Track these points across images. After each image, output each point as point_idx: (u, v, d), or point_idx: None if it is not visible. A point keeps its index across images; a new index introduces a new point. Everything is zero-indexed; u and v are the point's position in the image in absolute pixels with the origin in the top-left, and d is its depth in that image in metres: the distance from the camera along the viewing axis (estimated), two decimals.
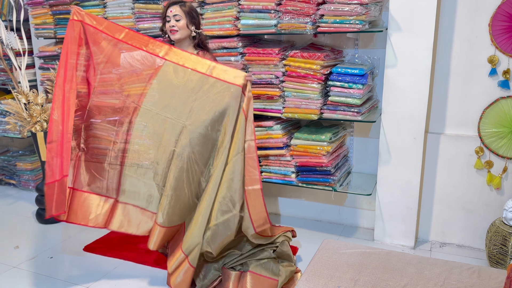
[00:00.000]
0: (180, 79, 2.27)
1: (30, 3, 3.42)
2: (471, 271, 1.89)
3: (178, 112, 2.25)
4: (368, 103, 2.72)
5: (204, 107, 2.23)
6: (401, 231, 2.82)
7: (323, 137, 2.67)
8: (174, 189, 2.25)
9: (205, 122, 2.21)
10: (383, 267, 1.93)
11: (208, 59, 2.33)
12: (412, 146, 2.68)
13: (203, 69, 2.25)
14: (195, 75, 2.25)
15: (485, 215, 2.72)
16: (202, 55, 2.46)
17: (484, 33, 2.56)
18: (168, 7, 2.43)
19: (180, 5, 2.43)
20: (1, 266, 2.67)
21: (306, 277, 1.88)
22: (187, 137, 2.22)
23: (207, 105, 2.22)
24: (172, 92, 2.28)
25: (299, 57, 2.62)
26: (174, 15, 2.41)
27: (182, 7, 2.42)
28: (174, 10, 2.41)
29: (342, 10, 2.45)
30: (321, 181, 2.74)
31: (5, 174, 4.14)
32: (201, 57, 2.38)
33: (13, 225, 3.26)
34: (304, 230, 3.08)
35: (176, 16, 2.40)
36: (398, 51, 2.59)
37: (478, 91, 2.64)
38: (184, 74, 2.27)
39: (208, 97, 2.23)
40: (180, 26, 2.41)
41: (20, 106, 3.17)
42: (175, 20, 2.41)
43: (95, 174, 2.42)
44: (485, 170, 2.68)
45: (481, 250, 2.76)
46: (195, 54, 2.40)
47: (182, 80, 2.27)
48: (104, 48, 2.34)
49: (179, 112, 2.25)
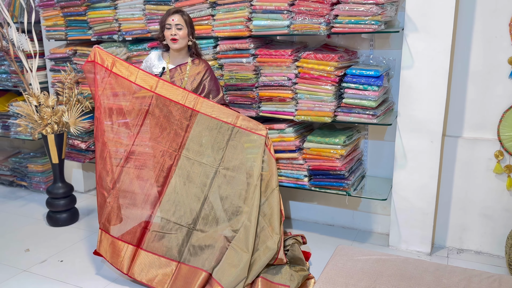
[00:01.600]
0: (211, 130, 2.43)
1: (41, 5, 3.42)
2: (491, 279, 1.83)
3: (212, 159, 2.43)
4: (384, 105, 2.66)
5: (233, 155, 2.41)
6: (417, 237, 2.76)
7: (337, 140, 2.61)
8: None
9: (236, 166, 2.40)
10: (399, 274, 1.88)
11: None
12: (429, 149, 2.61)
13: (229, 119, 2.44)
14: (223, 125, 2.44)
15: (505, 221, 2.64)
16: (198, 62, 2.58)
17: (504, 33, 2.49)
18: (170, 15, 2.45)
19: (182, 14, 2.47)
20: (11, 269, 2.66)
21: (320, 285, 1.83)
22: (219, 181, 2.41)
23: (237, 152, 2.41)
24: (205, 141, 2.43)
25: (312, 58, 2.57)
26: (176, 24, 2.44)
27: (183, 16, 2.47)
28: (176, 19, 2.44)
29: (357, 10, 2.40)
30: (335, 185, 2.69)
31: (17, 176, 4.16)
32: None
33: (24, 228, 3.26)
34: (316, 235, 3.03)
35: (178, 25, 2.44)
36: (415, 52, 2.53)
37: (497, 93, 2.57)
38: (213, 124, 2.43)
39: (237, 145, 2.42)
40: (181, 35, 2.46)
41: (31, 108, 3.17)
42: (176, 29, 2.44)
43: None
44: (504, 175, 2.60)
45: (500, 257, 2.68)
46: (191, 61, 2.55)
47: (214, 131, 2.43)
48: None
49: (213, 159, 2.43)
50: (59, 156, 3.24)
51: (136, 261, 2.43)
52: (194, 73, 2.57)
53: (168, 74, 2.55)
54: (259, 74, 2.76)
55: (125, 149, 2.48)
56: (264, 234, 2.34)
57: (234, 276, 2.23)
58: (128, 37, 3.18)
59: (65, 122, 3.18)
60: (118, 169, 2.49)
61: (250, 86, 2.79)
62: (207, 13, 2.81)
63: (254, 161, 2.38)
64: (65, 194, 3.25)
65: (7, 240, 3.06)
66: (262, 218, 2.36)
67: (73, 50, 3.41)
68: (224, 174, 2.41)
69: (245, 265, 2.25)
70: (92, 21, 3.25)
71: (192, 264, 2.36)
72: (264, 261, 2.29)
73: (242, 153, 2.40)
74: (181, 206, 2.41)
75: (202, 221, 2.40)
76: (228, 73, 2.83)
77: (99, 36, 3.27)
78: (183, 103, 2.43)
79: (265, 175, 2.40)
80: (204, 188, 2.41)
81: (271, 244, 2.30)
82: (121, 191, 2.48)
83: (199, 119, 2.42)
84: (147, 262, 2.42)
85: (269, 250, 2.30)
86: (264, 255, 2.29)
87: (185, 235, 2.39)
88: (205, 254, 2.35)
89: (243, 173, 2.39)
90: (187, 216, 2.40)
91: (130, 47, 3.19)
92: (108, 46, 3.27)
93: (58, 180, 3.29)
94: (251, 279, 2.28)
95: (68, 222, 3.27)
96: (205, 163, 2.42)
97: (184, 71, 2.55)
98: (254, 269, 2.28)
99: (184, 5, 2.84)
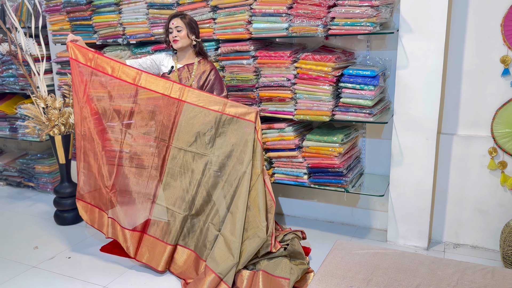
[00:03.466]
0: (199, 119, 2.50)
1: (48, 10, 3.50)
2: (485, 271, 1.89)
3: (203, 147, 2.52)
4: (380, 104, 2.73)
5: (224, 142, 2.49)
6: (414, 232, 2.82)
7: (335, 139, 2.69)
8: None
9: (226, 153, 2.48)
10: (395, 267, 1.93)
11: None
12: (425, 147, 2.68)
13: (216, 107, 2.48)
14: (210, 113, 2.49)
15: (499, 216, 2.70)
16: (204, 62, 2.72)
17: (496, 33, 2.55)
18: (170, 20, 2.65)
19: (181, 17, 2.65)
20: (21, 265, 2.74)
21: (319, 277, 1.89)
22: (212, 167, 2.50)
23: (226, 139, 2.49)
24: (194, 130, 2.51)
25: (311, 59, 2.64)
26: (175, 26, 2.62)
27: (182, 19, 2.64)
28: (176, 22, 2.62)
29: (353, 13, 2.47)
30: (334, 182, 2.76)
31: (24, 176, 4.24)
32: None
33: (32, 227, 3.34)
34: (316, 231, 3.10)
35: (178, 27, 2.62)
36: (410, 52, 2.60)
37: (490, 92, 2.63)
38: (200, 113, 2.50)
39: (226, 133, 2.49)
40: (181, 36, 2.63)
41: (38, 110, 3.25)
42: (176, 31, 2.63)
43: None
44: (498, 171, 2.66)
45: (495, 251, 2.74)
46: (197, 62, 2.70)
47: (201, 120, 2.50)
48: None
49: (204, 147, 2.52)
50: (66, 157, 3.32)
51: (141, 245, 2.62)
52: (200, 72, 2.69)
53: (176, 73, 2.70)
54: (259, 75, 2.84)
55: (117, 146, 2.63)
56: (254, 220, 2.43)
57: (226, 262, 2.34)
58: (132, 40, 3.26)
59: (72, 123, 3.26)
60: (113, 167, 2.65)
61: (251, 87, 2.86)
62: (208, 16, 2.89)
63: (244, 148, 2.45)
64: (72, 193, 3.33)
65: (16, 238, 3.14)
66: (251, 204, 2.45)
67: None
68: (216, 162, 2.49)
69: (236, 251, 2.35)
70: (97, 25, 3.33)
71: (186, 246, 2.59)
72: (254, 248, 2.38)
73: (231, 140, 2.48)
74: (176, 194, 2.56)
75: (196, 208, 2.54)
76: (229, 74, 2.91)
77: (104, 40, 3.35)
78: (168, 94, 2.50)
79: (258, 157, 2.46)
80: (198, 176, 2.51)
81: (261, 233, 2.39)
82: (119, 189, 2.67)
83: (186, 108, 2.49)
84: (149, 244, 2.61)
85: (259, 238, 2.39)
86: (255, 243, 2.39)
87: (181, 221, 2.55)
88: (196, 236, 2.57)
89: (233, 160, 2.47)
90: (183, 203, 2.55)
91: (134, 50, 3.27)
92: (113, 50, 3.35)
93: (65, 180, 3.37)
94: (242, 264, 2.37)
95: (75, 221, 3.35)
96: (196, 151, 2.52)
97: (191, 70, 2.69)
98: (244, 255, 2.38)
99: (186, 9, 2.92)
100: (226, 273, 2.32)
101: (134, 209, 2.65)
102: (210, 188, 2.51)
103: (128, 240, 2.65)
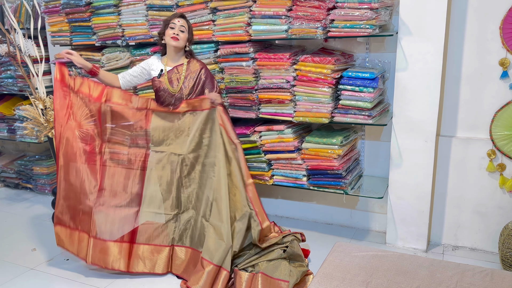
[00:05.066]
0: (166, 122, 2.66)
1: (47, 12, 3.50)
2: (483, 274, 1.89)
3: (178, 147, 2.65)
4: (379, 106, 2.73)
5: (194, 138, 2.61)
6: (413, 234, 2.82)
7: (334, 141, 2.69)
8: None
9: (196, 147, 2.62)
10: (395, 269, 1.93)
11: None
12: (424, 149, 2.68)
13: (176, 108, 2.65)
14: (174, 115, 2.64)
15: (498, 218, 2.70)
16: (193, 62, 2.71)
17: (495, 36, 2.56)
18: (176, 17, 2.64)
19: (186, 20, 2.67)
20: (19, 268, 2.73)
21: (318, 279, 1.89)
22: (189, 165, 2.63)
23: (196, 134, 2.61)
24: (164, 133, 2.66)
25: (310, 61, 2.65)
26: (181, 25, 2.62)
27: (187, 22, 2.66)
28: (182, 21, 2.64)
29: (352, 15, 2.47)
30: (333, 184, 2.76)
31: (22, 178, 4.23)
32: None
33: (30, 228, 3.33)
34: (315, 233, 3.10)
35: (182, 27, 2.62)
36: (409, 55, 2.60)
37: (489, 94, 2.64)
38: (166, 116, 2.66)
39: (192, 127, 2.62)
40: (182, 37, 2.63)
41: (37, 111, 3.24)
42: (179, 30, 2.61)
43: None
44: (497, 173, 2.67)
45: (494, 254, 2.74)
46: (186, 62, 2.70)
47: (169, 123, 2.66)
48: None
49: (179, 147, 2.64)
50: None
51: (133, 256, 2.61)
52: (190, 72, 2.68)
53: (166, 76, 2.68)
54: (259, 77, 2.84)
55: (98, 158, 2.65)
56: (240, 204, 2.52)
57: (219, 249, 2.38)
58: (131, 42, 3.26)
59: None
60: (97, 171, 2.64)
61: (250, 89, 2.87)
62: (208, 18, 2.90)
63: (213, 137, 2.57)
64: None
65: (14, 240, 3.14)
66: (231, 184, 2.54)
67: None
68: (192, 157, 2.62)
69: (227, 235, 2.40)
70: (96, 27, 3.33)
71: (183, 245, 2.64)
72: (244, 226, 2.48)
73: (200, 133, 2.60)
74: (161, 196, 2.64)
75: (184, 205, 2.65)
76: (229, 76, 2.91)
77: (103, 41, 3.35)
78: (136, 106, 2.64)
79: (225, 140, 2.56)
80: (178, 175, 2.63)
81: (245, 208, 2.50)
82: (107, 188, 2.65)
83: (154, 115, 2.65)
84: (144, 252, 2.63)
85: (244, 214, 2.50)
86: (243, 220, 2.49)
87: (172, 221, 2.64)
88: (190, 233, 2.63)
89: (209, 151, 2.59)
90: (170, 203, 2.64)
91: (133, 51, 3.27)
92: (112, 51, 3.35)
93: None
94: (236, 247, 2.44)
95: None
96: (173, 152, 2.64)
97: (181, 71, 2.68)
98: (237, 236, 2.45)
99: (186, 11, 2.92)
100: (222, 260, 2.36)
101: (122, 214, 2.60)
102: (192, 183, 2.62)
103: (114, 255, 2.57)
